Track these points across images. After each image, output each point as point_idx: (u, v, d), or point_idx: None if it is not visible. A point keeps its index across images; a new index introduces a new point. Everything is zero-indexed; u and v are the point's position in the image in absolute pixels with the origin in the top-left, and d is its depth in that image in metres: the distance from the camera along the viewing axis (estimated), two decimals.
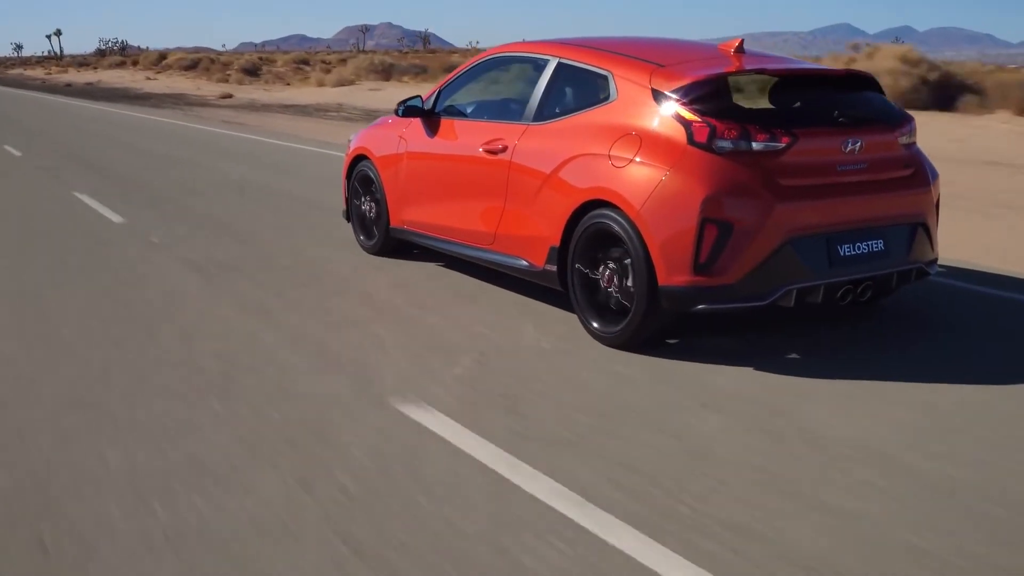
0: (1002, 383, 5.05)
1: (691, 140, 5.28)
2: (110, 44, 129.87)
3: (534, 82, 6.44)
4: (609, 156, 5.56)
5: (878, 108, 5.81)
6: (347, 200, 8.42)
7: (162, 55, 79.20)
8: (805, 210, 5.28)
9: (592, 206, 5.67)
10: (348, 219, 8.46)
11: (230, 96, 41.47)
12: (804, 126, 5.36)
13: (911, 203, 5.72)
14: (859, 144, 5.45)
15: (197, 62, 68.55)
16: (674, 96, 5.44)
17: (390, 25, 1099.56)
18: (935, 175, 5.94)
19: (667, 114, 5.42)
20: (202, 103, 38.02)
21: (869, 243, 5.52)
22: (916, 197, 5.75)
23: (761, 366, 5.30)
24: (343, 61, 58.31)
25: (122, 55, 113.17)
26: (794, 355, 5.53)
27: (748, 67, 5.69)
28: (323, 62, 61.54)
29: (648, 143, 5.43)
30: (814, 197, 5.33)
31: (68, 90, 54.41)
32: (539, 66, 6.48)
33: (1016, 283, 7.23)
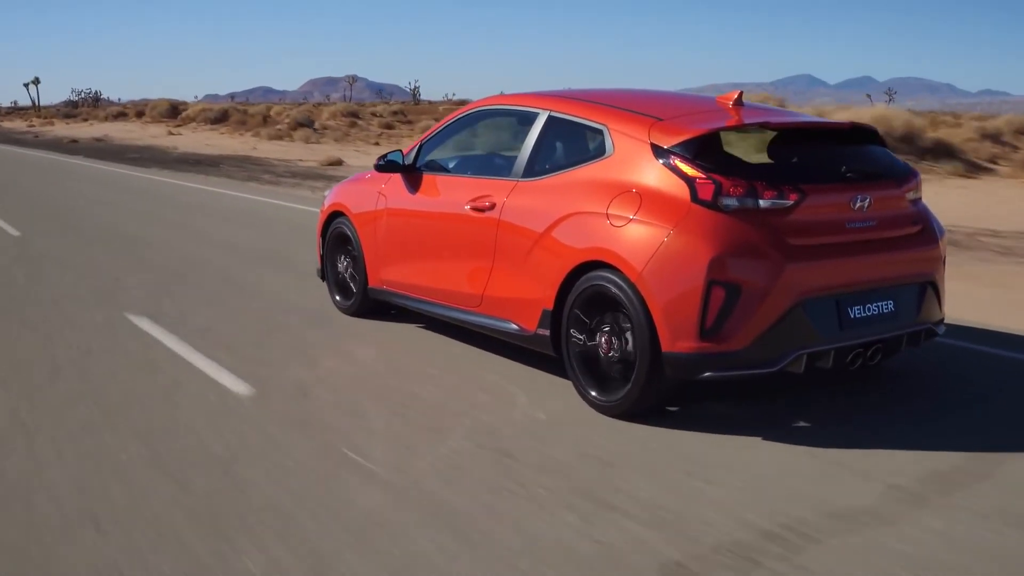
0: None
1: (695, 198, 5.00)
2: (82, 94, 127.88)
3: (522, 136, 6.16)
4: (607, 214, 5.27)
5: (884, 162, 5.58)
6: (322, 259, 8.07)
7: (174, 106, 66.89)
8: (815, 271, 5.01)
9: (588, 267, 5.38)
10: (323, 278, 8.11)
11: (339, 163, 28.36)
12: (812, 182, 5.11)
13: (920, 261, 5.48)
14: (868, 200, 5.21)
15: (224, 114, 56.66)
16: (675, 151, 5.17)
17: (355, 77, 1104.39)
18: (942, 232, 5.71)
19: (668, 170, 5.15)
20: (302, 172, 25.79)
21: (879, 304, 5.26)
22: (925, 255, 5.51)
23: (769, 435, 4.99)
24: (396, 113, 54.63)
25: (95, 105, 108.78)
26: (802, 423, 5.23)
27: (751, 121, 5.44)
28: (373, 114, 54.45)
29: (648, 201, 5.14)
30: (824, 257, 5.07)
31: (76, 147, 40.42)
32: (527, 119, 6.20)
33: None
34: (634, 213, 5.15)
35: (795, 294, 4.92)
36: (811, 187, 5.06)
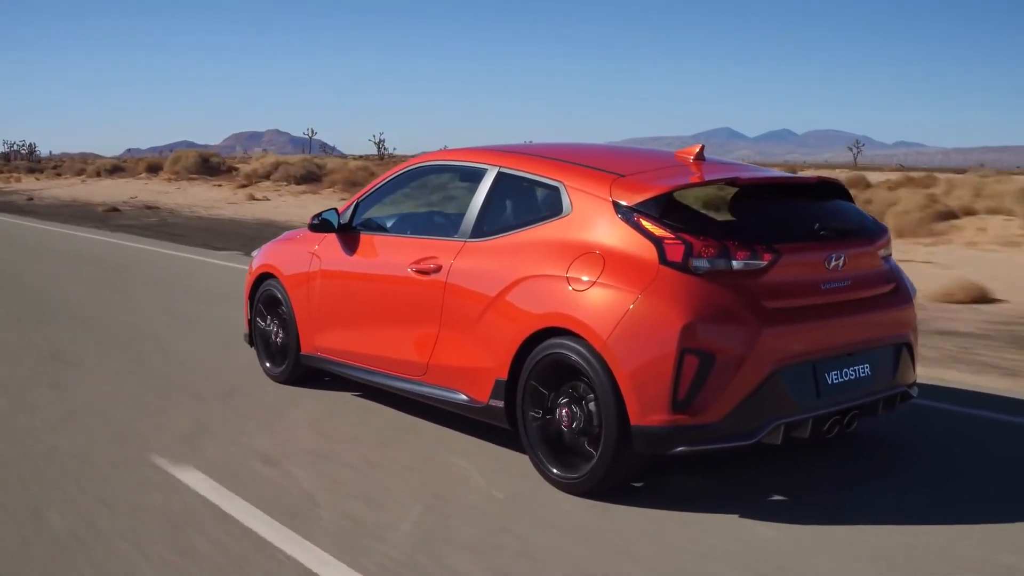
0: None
1: (663, 259, 4.67)
2: (15, 147, 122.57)
3: (470, 194, 5.78)
4: (566, 277, 4.91)
5: (854, 218, 5.32)
6: (250, 323, 7.56)
7: (203, 156, 51.31)
8: (792, 335, 4.71)
9: (547, 334, 5.00)
10: (251, 343, 7.59)
11: None
12: (784, 241, 4.82)
13: (895, 322, 5.22)
14: (842, 259, 4.94)
15: (311, 174, 40.12)
16: (640, 210, 4.84)
17: (277, 132, 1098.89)
18: (914, 290, 5.46)
19: (633, 230, 4.81)
20: None
21: (856, 368, 4.98)
22: (900, 315, 5.26)
23: (747, 512, 4.64)
24: (362, 169, 48.80)
25: (29, 159, 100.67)
26: (779, 497, 4.90)
27: (718, 176, 5.14)
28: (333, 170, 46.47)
29: (612, 263, 4.79)
30: (800, 320, 4.77)
31: (119, 220, 26.42)
32: (474, 176, 5.82)
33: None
34: (597, 276, 4.80)
35: (772, 361, 4.60)
36: (784, 246, 4.78)
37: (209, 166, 49.72)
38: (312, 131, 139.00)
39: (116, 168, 60.93)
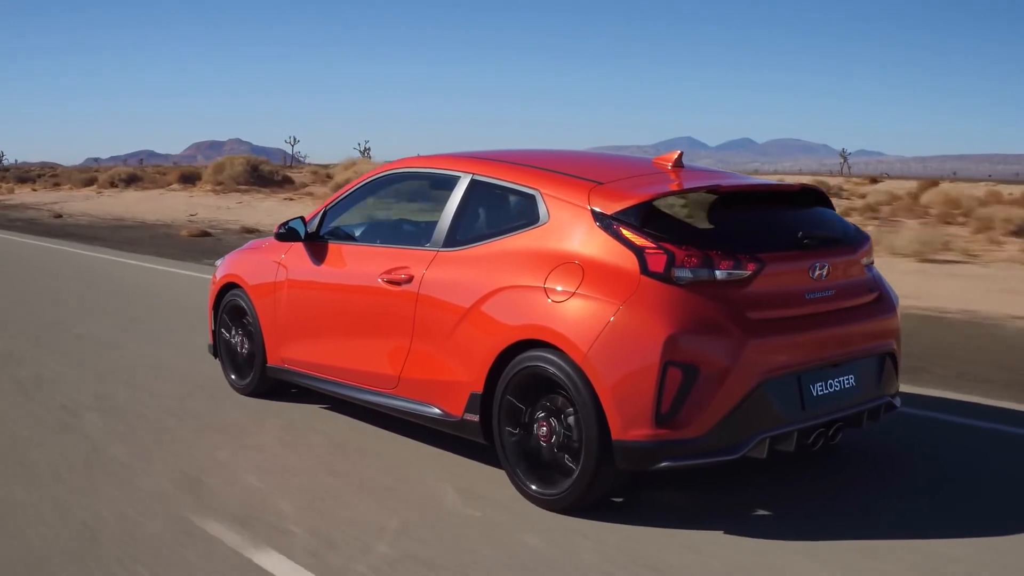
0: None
1: (644, 269, 4.52)
2: None
3: (442, 202, 5.61)
4: (544, 288, 4.75)
5: (836, 226, 5.21)
6: (214, 334, 7.35)
7: (252, 163, 44.58)
8: (777, 347, 4.59)
9: (524, 346, 4.84)
10: (215, 355, 7.38)
11: None
12: (768, 250, 4.69)
13: (879, 331, 5.12)
14: (826, 268, 4.83)
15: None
16: (620, 218, 4.69)
17: (239, 141, 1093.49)
18: (896, 299, 5.36)
19: (613, 239, 4.67)
20: None
21: (841, 379, 4.87)
22: (883, 324, 5.15)
23: (731, 528, 4.51)
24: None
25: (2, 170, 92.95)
26: (762, 511, 4.77)
27: (699, 184, 5.01)
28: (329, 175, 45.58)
29: (592, 273, 4.65)
30: (785, 331, 4.64)
31: (219, 248, 18.94)
32: (447, 184, 5.65)
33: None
34: (576, 287, 4.65)
35: (757, 373, 4.47)
36: (768, 255, 4.65)
37: (260, 175, 44.19)
38: (294, 139, 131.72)
39: (133, 177, 53.92)
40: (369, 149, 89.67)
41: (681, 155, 5.36)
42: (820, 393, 4.74)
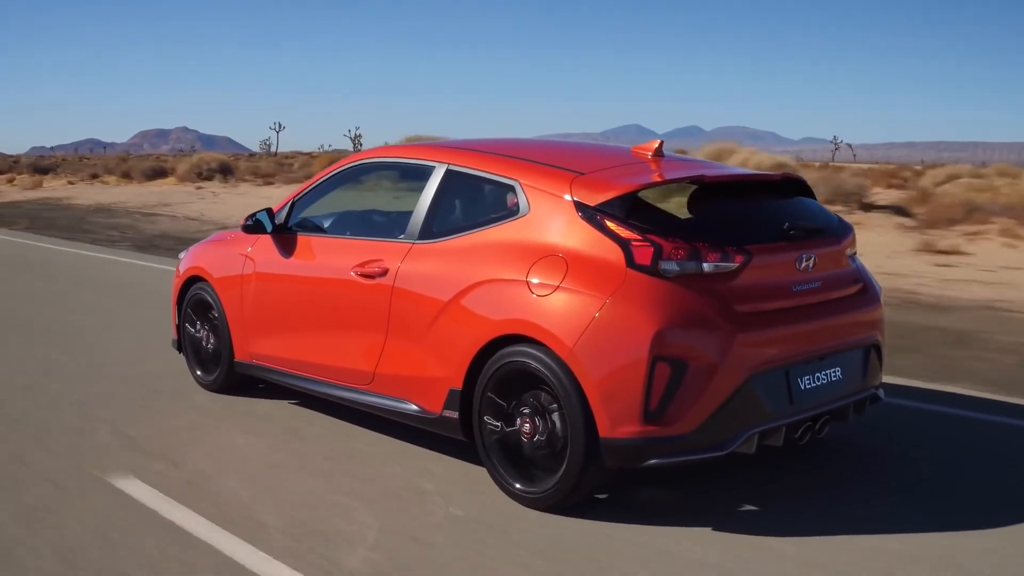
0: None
1: (631, 262, 4.42)
2: None
3: (416, 192, 5.47)
4: (527, 282, 4.63)
5: (820, 216, 5.14)
6: (178, 329, 7.15)
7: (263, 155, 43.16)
8: (765, 341, 4.51)
9: (505, 341, 4.72)
10: (180, 350, 7.18)
11: None
12: (754, 242, 4.60)
13: (865, 323, 5.06)
14: (812, 259, 4.76)
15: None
16: (604, 210, 4.58)
17: (185, 129, 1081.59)
18: (879, 289, 5.30)
19: (597, 231, 4.56)
20: None
21: (828, 372, 4.81)
22: (869, 316, 5.10)
23: (720, 525, 4.43)
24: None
25: None
26: (750, 507, 4.70)
27: (683, 174, 4.91)
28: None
29: (576, 266, 4.53)
30: (773, 325, 4.57)
31: None
32: (421, 174, 5.50)
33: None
34: (559, 280, 4.53)
35: (746, 368, 4.39)
36: (755, 247, 4.56)
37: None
38: (279, 125, 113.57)
39: (157, 172, 46.42)
40: (360, 137, 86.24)
41: (662, 144, 5.26)
42: (808, 387, 4.67)
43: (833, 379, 4.81)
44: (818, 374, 4.73)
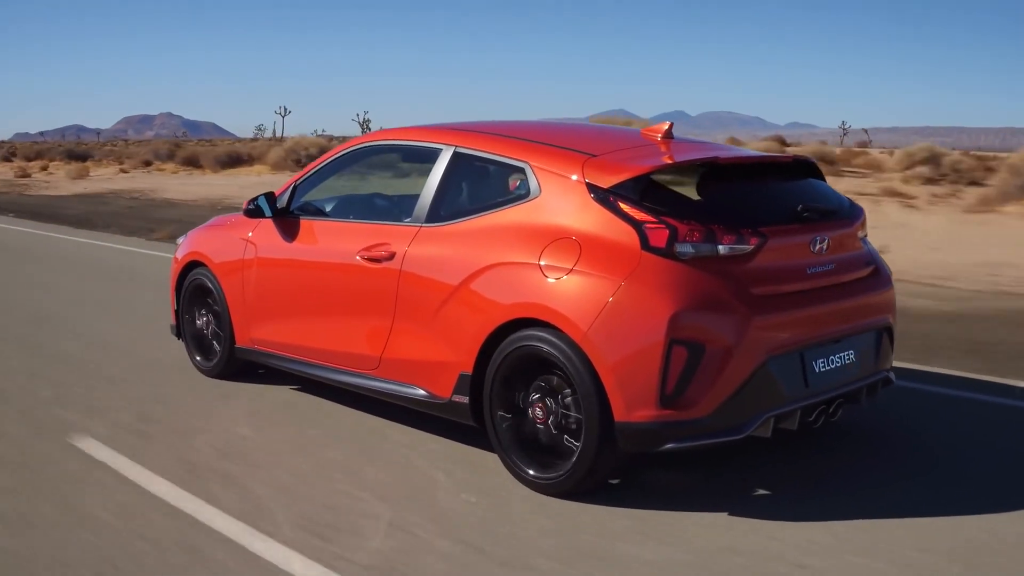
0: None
1: (645, 245, 4.36)
2: None
3: (423, 175, 5.40)
4: (539, 265, 4.57)
5: (832, 198, 5.10)
6: (177, 314, 7.06)
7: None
8: (781, 323, 4.46)
9: (517, 325, 4.66)
10: (179, 336, 7.10)
11: None
12: (768, 224, 4.55)
13: (878, 306, 5.02)
14: (826, 242, 4.72)
15: None
16: (618, 192, 4.52)
17: (170, 115, 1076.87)
18: (890, 272, 5.26)
19: (611, 213, 4.50)
20: None
21: (842, 355, 4.77)
22: (881, 298, 5.06)
23: (735, 510, 4.39)
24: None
25: None
26: (763, 491, 4.66)
27: (696, 156, 4.85)
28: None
29: (590, 249, 4.47)
30: (788, 308, 4.52)
31: None
32: (427, 156, 5.43)
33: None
34: (573, 263, 4.47)
35: (763, 351, 4.35)
36: (770, 229, 4.51)
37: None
38: (285, 109, 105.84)
39: (234, 159, 42.38)
40: (369, 121, 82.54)
41: (672, 126, 5.20)
42: (822, 369, 4.63)
43: (847, 362, 4.77)
44: (832, 357, 4.70)
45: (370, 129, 77.77)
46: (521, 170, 4.92)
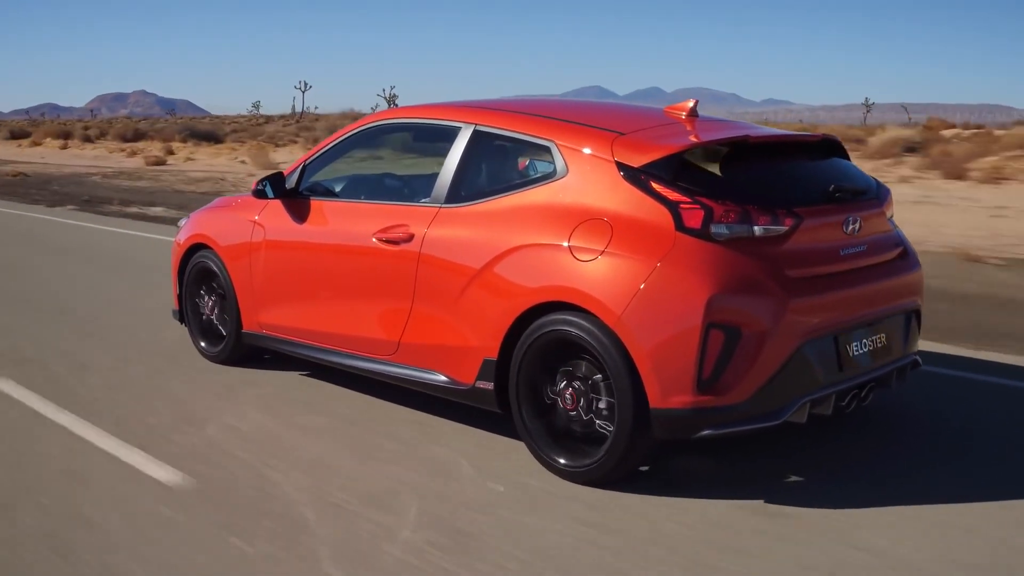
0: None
1: (680, 225, 4.25)
2: None
3: (441, 155, 5.26)
4: (568, 247, 4.45)
5: (860, 178, 4.99)
6: (180, 299, 6.90)
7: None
8: (817, 306, 4.36)
9: (545, 309, 4.54)
10: (182, 320, 6.94)
11: None
12: (801, 204, 4.44)
13: (908, 288, 4.93)
14: (858, 223, 4.62)
15: None
16: (650, 171, 4.40)
17: (144, 93, 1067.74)
18: (916, 253, 5.17)
19: (643, 194, 4.37)
20: None
21: (874, 338, 4.69)
22: (911, 280, 4.97)
23: (771, 496, 4.30)
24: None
25: None
26: (796, 478, 4.57)
27: (727, 135, 4.71)
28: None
29: (622, 230, 4.35)
30: (823, 290, 4.42)
31: None
32: (446, 135, 5.28)
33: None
34: (604, 245, 4.35)
35: (800, 334, 4.25)
36: (803, 210, 4.40)
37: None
38: (305, 84, 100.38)
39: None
40: (395, 97, 78.55)
41: (696, 104, 5.08)
42: (856, 353, 4.54)
43: (879, 345, 4.69)
44: (865, 340, 4.61)
45: (396, 105, 75.27)
46: (546, 149, 4.79)
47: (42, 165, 34.99)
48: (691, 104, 5.07)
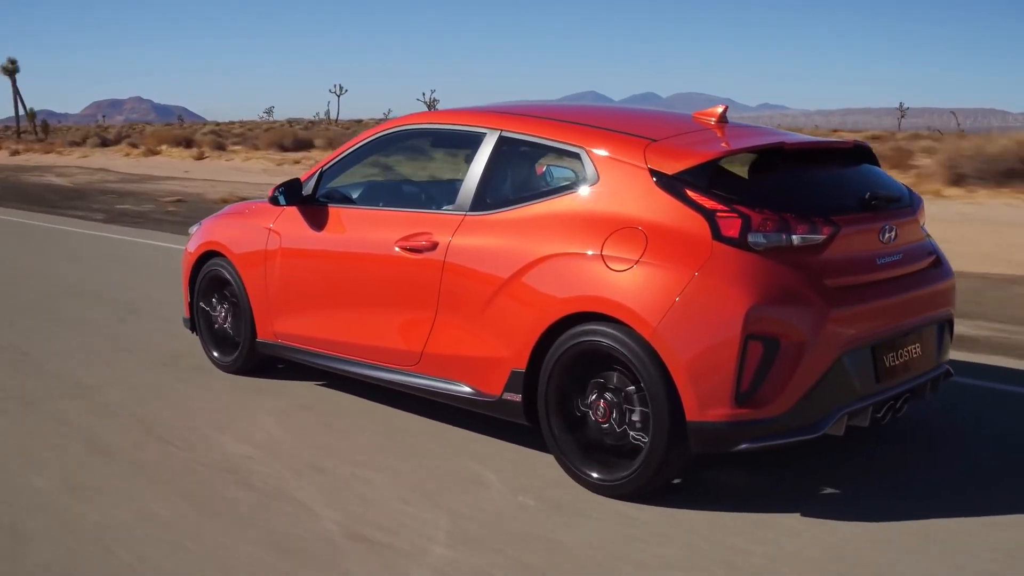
0: None
1: (717, 235, 4.15)
2: None
3: (466, 161, 5.16)
4: (602, 256, 4.35)
5: (893, 185, 4.90)
6: (191, 307, 6.79)
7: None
8: (855, 316, 4.27)
9: (576, 320, 4.44)
10: (193, 329, 6.83)
11: None
12: (838, 212, 4.35)
13: (941, 297, 4.85)
14: (894, 231, 4.53)
15: None
16: (685, 179, 4.30)
17: (139, 99, 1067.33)
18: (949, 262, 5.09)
19: (678, 202, 4.27)
20: None
21: (910, 349, 4.60)
22: (944, 290, 4.88)
23: (809, 511, 4.20)
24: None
25: None
26: (831, 490, 4.48)
27: (762, 142, 4.62)
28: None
29: (656, 239, 4.25)
30: (861, 300, 4.33)
31: None
32: (470, 141, 5.19)
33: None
34: (639, 255, 4.25)
35: (838, 345, 4.15)
36: (841, 218, 4.31)
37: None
38: (340, 88, 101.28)
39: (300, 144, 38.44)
40: (436, 101, 76.84)
41: (726, 110, 4.99)
42: (892, 364, 4.46)
43: (914, 356, 4.60)
44: (901, 351, 4.52)
45: (436, 103, 74.43)
46: (576, 155, 4.69)
47: (188, 181, 27.41)
48: (720, 110, 4.98)
